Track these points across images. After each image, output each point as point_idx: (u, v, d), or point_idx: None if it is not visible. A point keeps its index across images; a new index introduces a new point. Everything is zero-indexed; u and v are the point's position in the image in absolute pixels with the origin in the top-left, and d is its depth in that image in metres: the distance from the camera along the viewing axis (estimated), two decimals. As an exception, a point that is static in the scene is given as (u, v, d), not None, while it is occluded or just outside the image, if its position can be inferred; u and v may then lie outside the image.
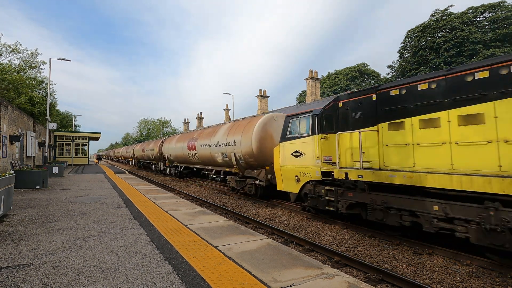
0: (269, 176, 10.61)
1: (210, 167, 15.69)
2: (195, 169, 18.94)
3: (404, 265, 5.11)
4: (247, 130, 11.80)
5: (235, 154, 12.20)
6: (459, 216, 4.89)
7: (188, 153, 17.51)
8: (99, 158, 53.81)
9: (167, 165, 22.88)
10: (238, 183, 12.75)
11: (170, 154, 21.43)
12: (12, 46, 22.21)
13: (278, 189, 9.42)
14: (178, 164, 20.84)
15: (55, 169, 17.52)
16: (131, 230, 5.38)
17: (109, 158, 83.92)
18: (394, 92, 6.26)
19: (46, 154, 23.76)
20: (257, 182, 11.35)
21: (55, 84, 41.95)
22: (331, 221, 8.04)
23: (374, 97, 6.66)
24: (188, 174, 21.39)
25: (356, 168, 6.68)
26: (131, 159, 43.04)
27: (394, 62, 37.99)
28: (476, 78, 4.97)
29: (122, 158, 54.60)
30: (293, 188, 8.58)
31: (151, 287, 3.08)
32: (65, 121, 43.90)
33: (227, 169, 13.57)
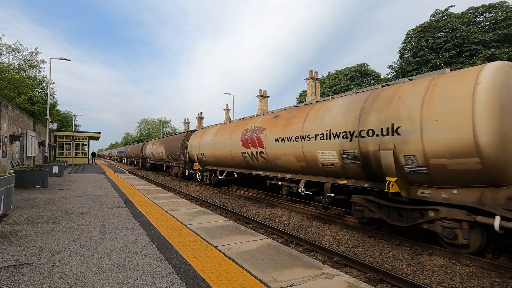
0: None
1: (291, 176, 9.38)
2: (253, 175, 11.87)
3: (404, 265, 5.11)
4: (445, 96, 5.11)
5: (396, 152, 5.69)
6: None
7: (244, 152, 11.23)
8: (93, 155, 46.59)
9: (198, 168, 16.57)
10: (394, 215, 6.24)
11: (203, 154, 15.24)
12: (12, 46, 22.21)
13: None
14: (218, 168, 14.52)
15: (55, 169, 17.51)
16: (131, 230, 5.38)
17: (110, 158, 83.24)
18: None
19: (46, 154, 23.76)
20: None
21: (54, 83, 41.92)
22: (331, 221, 8.04)
23: None
24: (232, 182, 15.29)
25: None
26: (136, 159, 38.15)
27: (394, 62, 38.02)
28: None
29: (125, 159, 50.69)
30: None
31: (151, 287, 3.08)
32: (65, 121, 43.90)
33: (343, 181, 7.42)
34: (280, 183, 10.19)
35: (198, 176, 16.70)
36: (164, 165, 24.69)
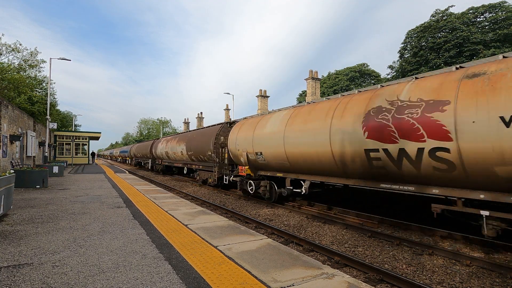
0: None
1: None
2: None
3: (404, 265, 5.11)
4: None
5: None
6: None
7: (374, 150, 6.30)
8: (93, 155, 44.93)
9: (246, 174, 11.41)
10: None
11: (259, 153, 10.36)
12: (12, 46, 22.21)
13: None
14: (288, 176, 9.51)
15: (55, 169, 17.51)
16: (131, 230, 5.38)
17: (111, 158, 79.50)
18: None
19: (46, 154, 23.76)
20: None
21: (54, 83, 41.91)
22: (331, 221, 8.04)
23: None
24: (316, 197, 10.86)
25: None
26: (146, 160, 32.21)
27: (394, 62, 38.03)
28: None
29: (129, 159, 45.03)
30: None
31: (151, 287, 3.08)
32: (65, 121, 43.88)
33: None
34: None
35: (249, 185, 11.35)
36: (185, 168, 19.38)
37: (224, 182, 13.67)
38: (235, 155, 12.28)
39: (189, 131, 21.32)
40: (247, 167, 11.23)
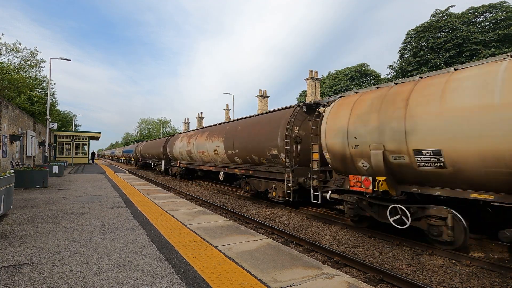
0: None
1: None
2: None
3: (404, 265, 5.11)
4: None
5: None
6: None
7: None
8: (93, 154, 43.53)
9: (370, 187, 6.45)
10: None
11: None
12: (11, 45, 22.20)
13: None
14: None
15: (55, 169, 17.51)
16: (131, 230, 5.38)
17: (113, 159, 73.04)
18: None
19: (46, 154, 23.77)
20: None
21: (54, 83, 41.92)
22: (331, 221, 8.04)
23: None
24: None
25: None
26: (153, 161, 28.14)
27: (394, 63, 38.03)
28: None
29: (134, 160, 39.73)
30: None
31: (151, 287, 3.08)
32: (65, 121, 43.86)
33: None
34: None
35: (390, 213, 6.33)
36: (221, 172, 14.29)
37: (312, 199, 8.35)
38: (337, 155, 7.23)
39: (230, 121, 15.22)
40: (383, 178, 6.19)
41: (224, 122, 16.08)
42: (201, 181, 18.27)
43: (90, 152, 40.73)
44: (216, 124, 16.42)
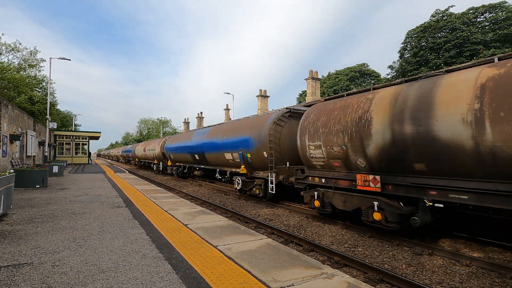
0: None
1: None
2: None
3: (403, 265, 5.11)
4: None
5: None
6: None
7: None
8: (88, 155, 40.42)
9: None
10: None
11: None
12: (11, 45, 22.19)
13: None
14: None
15: (55, 169, 17.50)
16: (131, 230, 5.38)
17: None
18: None
19: (46, 153, 23.76)
20: None
21: (54, 83, 41.84)
22: (331, 221, 8.04)
23: None
24: None
25: None
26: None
27: (394, 63, 38.02)
28: None
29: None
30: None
31: (151, 287, 3.08)
32: (65, 121, 43.86)
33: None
34: None
35: None
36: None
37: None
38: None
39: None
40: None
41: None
42: (200, 181, 18.93)
43: (95, 154, 40.74)
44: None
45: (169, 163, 22.77)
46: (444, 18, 31.49)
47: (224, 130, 14.10)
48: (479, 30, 29.55)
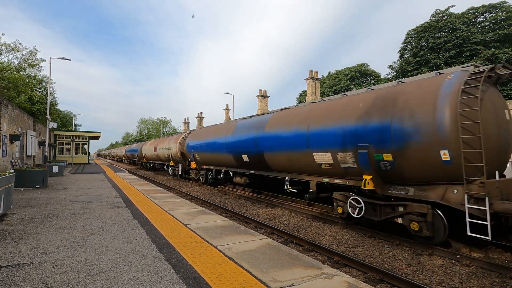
0: None
1: None
2: None
3: (403, 265, 5.11)
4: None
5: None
6: None
7: None
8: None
9: None
10: None
11: None
12: (11, 45, 22.19)
13: None
14: None
15: (55, 168, 17.50)
16: (131, 230, 5.38)
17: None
18: None
19: (46, 153, 23.76)
20: None
21: (54, 83, 41.87)
22: (331, 221, 8.04)
23: None
24: None
25: None
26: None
27: (394, 63, 38.01)
28: None
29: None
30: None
31: (150, 287, 3.08)
32: (65, 120, 43.88)
33: None
34: None
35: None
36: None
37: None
38: None
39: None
40: None
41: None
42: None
43: (95, 154, 40.92)
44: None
45: (193, 165, 17.72)
46: (444, 18, 31.49)
47: (311, 115, 8.68)
48: (479, 30, 29.55)
